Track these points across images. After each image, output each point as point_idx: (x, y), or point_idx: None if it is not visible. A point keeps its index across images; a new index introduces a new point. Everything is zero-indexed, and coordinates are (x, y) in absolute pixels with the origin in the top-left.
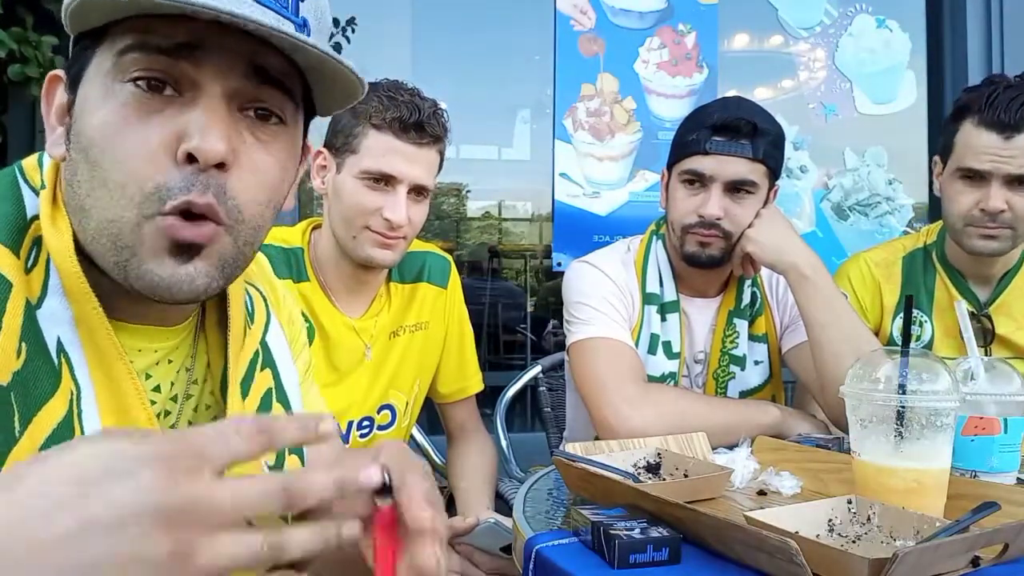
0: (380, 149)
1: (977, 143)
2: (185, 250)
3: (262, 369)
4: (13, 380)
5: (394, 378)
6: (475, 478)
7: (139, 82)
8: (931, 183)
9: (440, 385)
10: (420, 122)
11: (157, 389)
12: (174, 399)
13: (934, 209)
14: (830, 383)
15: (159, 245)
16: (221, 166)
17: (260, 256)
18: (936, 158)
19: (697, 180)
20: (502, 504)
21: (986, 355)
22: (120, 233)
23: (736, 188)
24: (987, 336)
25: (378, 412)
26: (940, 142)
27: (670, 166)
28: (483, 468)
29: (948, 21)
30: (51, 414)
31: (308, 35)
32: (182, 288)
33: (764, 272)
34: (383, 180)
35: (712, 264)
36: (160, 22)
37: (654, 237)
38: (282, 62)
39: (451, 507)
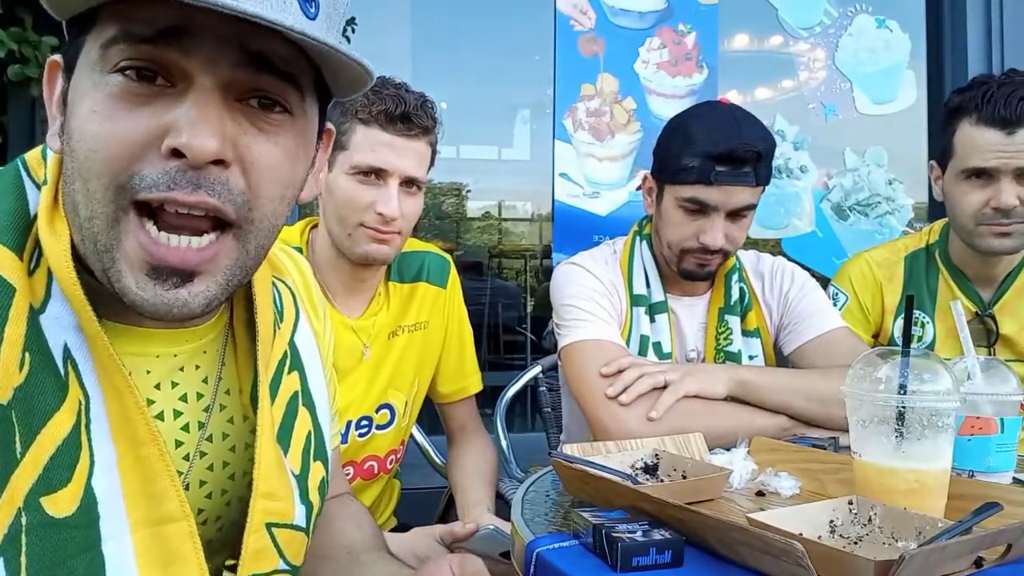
0: (368, 143)
1: (980, 142)
2: (173, 274)
3: (290, 372)
4: (14, 397)
5: (393, 378)
6: (475, 479)
7: (127, 71)
8: (931, 186)
9: (440, 385)
10: (407, 114)
11: (184, 399)
12: (207, 409)
13: (934, 209)
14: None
15: (136, 259)
16: (221, 163)
17: (293, 252)
18: (932, 163)
19: (699, 206)
20: (503, 504)
21: (990, 355)
22: (98, 233)
23: (737, 212)
24: (991, 337)
25: (377, 411)
26: (938, 147)
27: (662, 180)
28: (483, 468)
29: (948, 21)
30: (55, 430)
31: (316, 10)
32: (171, 311)
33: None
34: (373, 174)
35: (707, 278)
36: (141, 5)
37: (638, 238)
38: (283, 46)
39: (451, 507)
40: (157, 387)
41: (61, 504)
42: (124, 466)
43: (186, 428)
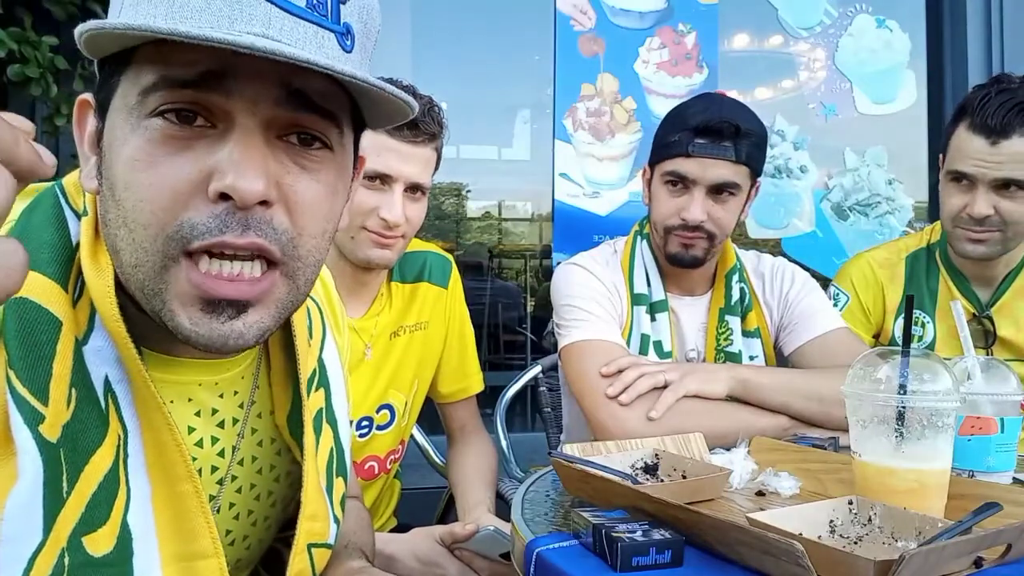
0: (374, 148)
1: (966, 147)
2: (228, 306)
3: (317, 388)
4: (63, 435)
5: (393, 378)
6: (476, 479)
7: (167, 115)
8: (933, 181)
9: (440, 385)
10: (414, 120)
11: (221, 425)
12: (240, 434)
13: (934, 209)
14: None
15: (188, 296)
16: (264, 203)
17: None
18: (941, 155)
19: (680, 182)
20: (503, 504)
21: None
22: (145, 280)
23: (719, 190)
24: (988, 338)
25: (377, 412)
26: (943, 140)
27: (652, 164)
28: (483, 469)
29: (948, 21)
30: (98, 466)
31: (351, 43)
32: (227, 343)
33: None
34: (378, 179)
35: (695, 264)
36: (181, 49)
37: (638, 237)
38: (322, 82)
39: (451, 508)
40: (197, 414)
41: (100, 543)
42: (158, 501)
43: (221, 454)
